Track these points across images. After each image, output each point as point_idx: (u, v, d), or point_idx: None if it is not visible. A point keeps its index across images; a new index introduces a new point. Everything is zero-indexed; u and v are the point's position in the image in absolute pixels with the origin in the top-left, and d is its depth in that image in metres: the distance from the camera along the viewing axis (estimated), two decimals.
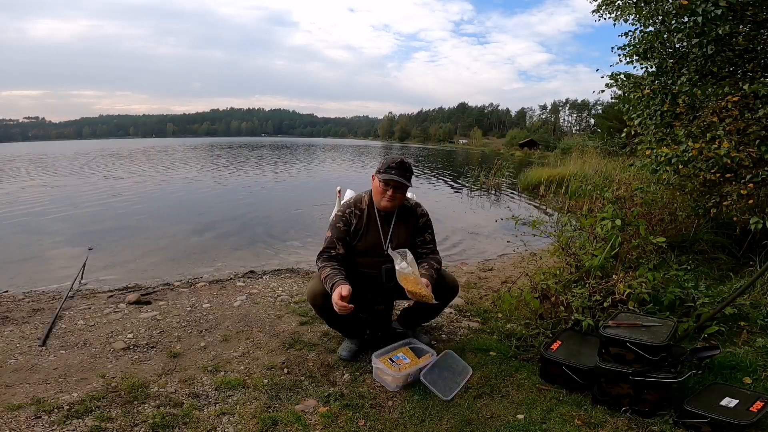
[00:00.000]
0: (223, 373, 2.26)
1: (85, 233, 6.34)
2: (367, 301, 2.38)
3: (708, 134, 3.51)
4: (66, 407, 1.90)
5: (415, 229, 2.42)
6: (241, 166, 20.65)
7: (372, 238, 2.33)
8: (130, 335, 2.69)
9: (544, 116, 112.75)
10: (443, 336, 2.80)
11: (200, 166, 19.87)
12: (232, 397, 2.04)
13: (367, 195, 2.41)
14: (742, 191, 3.34)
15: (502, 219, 7.19)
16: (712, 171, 3.45)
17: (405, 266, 2.01)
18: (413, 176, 2.37)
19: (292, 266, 4.57)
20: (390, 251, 2.14)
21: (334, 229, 2.34)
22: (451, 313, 3.19)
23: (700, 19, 3.58)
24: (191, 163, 21.87)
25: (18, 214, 7.82)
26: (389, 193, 2.25)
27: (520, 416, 1.93)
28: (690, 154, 3.52)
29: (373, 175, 2.34)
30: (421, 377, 2.12)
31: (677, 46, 4.33)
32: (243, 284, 3.81)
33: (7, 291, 3.76)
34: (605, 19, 5.10)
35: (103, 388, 2.07)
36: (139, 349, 2.51)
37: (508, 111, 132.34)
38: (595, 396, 2.01)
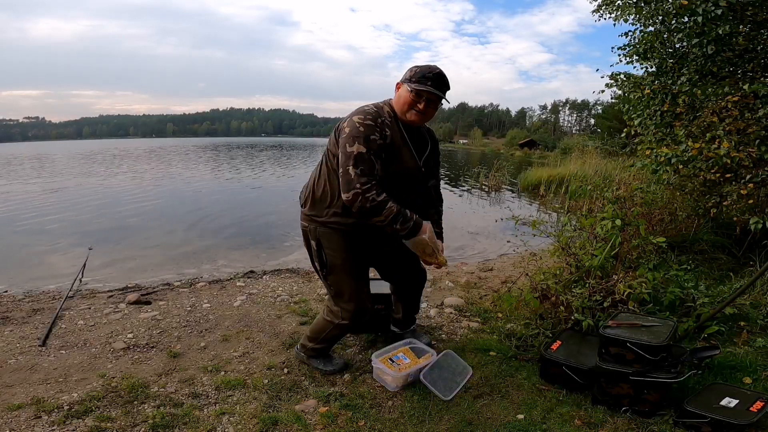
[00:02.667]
0: (223, 373, 2.26)
1: (86, 233, 6.34)
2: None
3: (708, 134, 3.51)
4: (66, 407, 1.90)
5: (435, 151, 2.08)
6: (262, 167, 20.49)
7: (407, 158, 1.89)
8: (130, 335, 2.69)
9: (544, 116, 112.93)
10: (443, 336, 2.80)
11: (218, 166, 19.70)
12: (232, 397, 2.04)
13: (386, 105, 1.93)
14: (742, 191, 3.34)
15: (502, 219, 7.23)
16: (712, 171, 3.45)
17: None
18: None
19: (292, 266, 4.57)
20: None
21: (367, 142, 1.73)
22: (451, 313, 3.19)
23: (700, 19, 3.59)
24: (209, 164, 21.78)
25: (26, 214, 7.82)
26: (421, 105, 1.82)
27: (520, 416, 1.93)
28: (690, 154, 3.52)
29: (398, 84, 1.91)
30: (422, 377, 2.12)
31: (677, 46, 4.34)
32: (243, 284, 3.81)
33: (7, 291, 3.76)
34: (605, 19, 5.12)
35: (103, 388, 2.07)
36: (139, 349, 2.51)
37: (508, 111, 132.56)
38: (595, 396, 2.01)
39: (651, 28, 4.49)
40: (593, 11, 5.21)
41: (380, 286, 2.85)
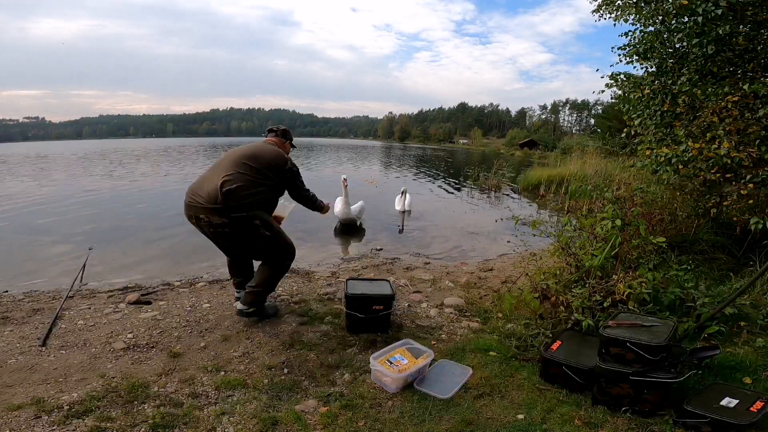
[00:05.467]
0: (223, 373, 2.26)
1: (86, 233, 6.34)
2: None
3: (708, 134, 3.51)
4: (66, 407, 1.90)
5: None
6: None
7: None
8: (130, 335, 2.69)
9: (544, 116, 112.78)
10: (443, 336, 2.80)
11: None
12: (232, 397, 2.04)
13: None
14: (742, 191, 3.35)
15: (502, 219, 7.23)
16: (712, 171, 3.45)
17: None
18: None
19: (292, 266, 4.55)
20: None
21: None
22: (451, 313, 3.19)
23: (700, 19, 3.59)
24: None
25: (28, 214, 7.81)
26: None
27: (520, 416, 1.93)
28: (690, 154, 3.52)
29: (285, 143, 3.07)
30: (416, 386, 2.13)
31: (677, 46, 4.34)
32: None
33: (7, 291, 3.76)
34: (605, 19, 5.11)
35: (103, 388, 2.07)
36: (139, 349, 2.51)
37: (508, 111, 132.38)
38: (595, 396, 2.01)
39: (651, 28, 4.48)
40: (593, 11, 5.21)
41: (380, 287, 2.86)
